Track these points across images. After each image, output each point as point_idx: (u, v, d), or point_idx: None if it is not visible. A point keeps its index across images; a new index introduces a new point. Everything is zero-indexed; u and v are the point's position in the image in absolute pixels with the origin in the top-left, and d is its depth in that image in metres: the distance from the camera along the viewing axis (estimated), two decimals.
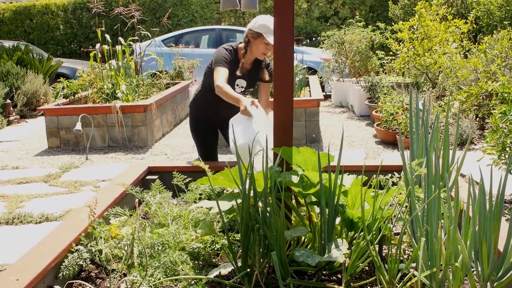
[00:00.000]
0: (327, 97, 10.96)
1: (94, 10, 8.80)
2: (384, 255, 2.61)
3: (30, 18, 18.80)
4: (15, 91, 10.13)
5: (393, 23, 10.33)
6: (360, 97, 9.10)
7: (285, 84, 2.62)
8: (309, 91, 8.74)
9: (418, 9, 8.84)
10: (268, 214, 2.35)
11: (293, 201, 2.77)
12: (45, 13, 18.68)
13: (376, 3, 16.37)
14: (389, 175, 2.92)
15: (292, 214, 2.74)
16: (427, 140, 2.54)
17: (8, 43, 13.52)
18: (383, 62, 10.20)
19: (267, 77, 4.15)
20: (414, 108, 2.75)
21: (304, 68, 9.47)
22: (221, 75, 3.91)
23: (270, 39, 3.79)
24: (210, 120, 4.33)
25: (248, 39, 3.98)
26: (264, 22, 3.84)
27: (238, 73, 4.03)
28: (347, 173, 2.77)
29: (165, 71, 10.27)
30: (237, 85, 4.11)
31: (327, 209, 2.40)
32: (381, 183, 2.89)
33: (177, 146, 7.32)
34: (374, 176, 2.55)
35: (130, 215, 3.00)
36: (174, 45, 11.58)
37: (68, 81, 8.55)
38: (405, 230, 2.29)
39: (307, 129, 7.09)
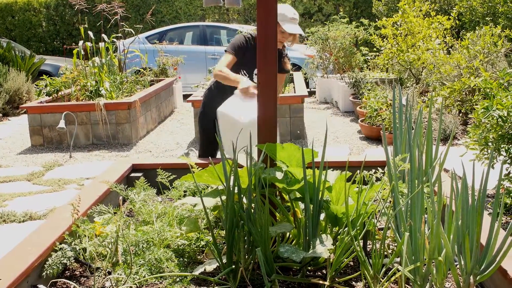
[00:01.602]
0: (311, 93, 10.98)
1: (77, 7, 8.73)
2: (368, 250, 2.62)
3: (12, 15, 18.61)
4: None
5: (376, 20, 10.36)
6: (345, 93, 9.13)
7: (268, 80, 2.63)
8: (294, 87, 8.74)
9: (402, 5, 8.88)
10: (252, 211, 2.35)
11: (278, 197, 2.78)
12: (27, 10, 18.51)
13: None
14: (373, 170, 2.94)
15: (276, 210, 2.75)
16: (410, 135, 2.55)
17: None
18: (367, 58, 10.24)
19: (288, 66, 4.21)
20: (398, 104, 2.76)
21: None
22: (223, 61, 3.97)
23: (286, 27, 3.86)
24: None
25: None
26: (280, 10, 3.87)
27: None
28: (332, 169, 2.78)
29: (149, 68, 10.22)
30: (255, 74, 4.06)
31: (312, 205, 2.41)
32: (365, 179, 2.91)
33: (162, 143, 7.29)
34: (358, 171, 2.57)
35: (114, 213, 2.98)
36: (158, 42, 11.53)
37: (51, 78, 8.48)
38: (389, 225, 2.30)
39: (292, 125, 7.10)
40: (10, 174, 6.02)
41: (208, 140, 4.33)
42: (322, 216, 2.59)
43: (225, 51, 4.05)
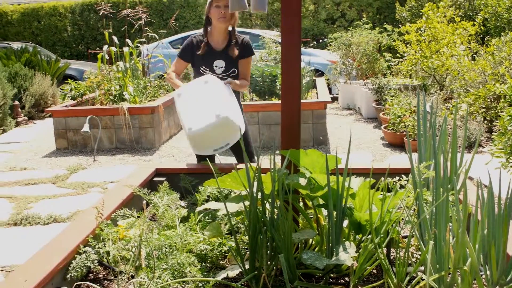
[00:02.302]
0: (334, 99, 10.94)
1: (101, 12, 8.83)
2: (392, 258, 2.60)
3: (38, 20, 18.90)
4: (23, 92, 10.18)
5: (400, 25, 10.32)
6: (368, 99, 9.09)
7: (292, 86, 2.62)
8: (316, 93, 8.73)
9: (426, 11, 8.83)
10: (275, 217, 2.35)
11: (301, 203, 2.77)
12: (53, 14, 18.77)
13: (383, 5, 16.35)
14: (397, 177, 2.92)
15: (299, 216, 2.74)
16: (435, 142, 2.53)
17: (16, 45, 13.59)
18: (391, 64, 10.19)
19: (235, 52, 4.10)
20: (422, 110, 2.74)
21: (311, 70, 9.46)
22: (171, 67, 4.27)
23: None
24: None
25: (207, 16, 4.10)
26: None
27: (200, 52, 4.11)
28: (355, 176, 2.77)
29: None
30: (216, 66, 4.13)
31: (335, 212, 2.40)
32: (389, 186, 2.89)
33: (184, 148, 7.32)
34: (382, 178, 2.55)
35: (138, 217, 3.00)
36: (181, 46, 11.59)
37: (75, 82, 8.59)
38: (413, 233, 2.28)
39: (314, 131, 7.08)
40: (35, 177, 6.10)
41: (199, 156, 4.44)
42: (345, 223, 2.58)
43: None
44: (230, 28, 4.13)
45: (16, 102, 9.80)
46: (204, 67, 4.13)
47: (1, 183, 5.90)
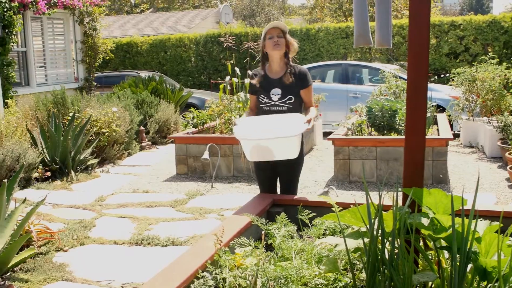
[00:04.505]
0: (455, 136, 10.54)
1: (225, 44, 9.15)
2: None
3: (164, 51, 20.00)
4: (148, 118, 10.73)
5: None
6: (492, 138, 8.67)
7: (417, 122, 2.57)
8: (437, 129, 8.45)
9: None
10: (395, 256, 2.29)
11: (421, 243, 2.68)
12: (179, 46, 19.77)
13: (511, 39, 15.63)
14: None
15: (419, 257, 2.65)
16: None
17: (144, 74, 14.45)
18: None
19: (289, 79, 4.32)
20: None
21: (432, 105, 9.20)
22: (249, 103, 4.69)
23: (267, 28, 4.27)
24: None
25: (262, 50, 4.39)
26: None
27: (255, 82, 4.43)
28: (480, 219, 2.64)
29: None
30: (272, 94, 4.36)
31: (459, 255, 2.30)
32: None
33: (300, 180, 7.31)
34: None
35: (255, 246, 3.04)
36: None
37: (197, 111, 8.92)
38: None
39: (434, 169, 6.84)
40: (156, 200, 6.38)
41: (263, 189, 4.67)
42: (469, 267, 2.46)
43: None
44: (285, 59, 4.36)
45: (142, 128, 10.33)
46: (262, 95, 4.38)
47: (125, 204, 6.22)
